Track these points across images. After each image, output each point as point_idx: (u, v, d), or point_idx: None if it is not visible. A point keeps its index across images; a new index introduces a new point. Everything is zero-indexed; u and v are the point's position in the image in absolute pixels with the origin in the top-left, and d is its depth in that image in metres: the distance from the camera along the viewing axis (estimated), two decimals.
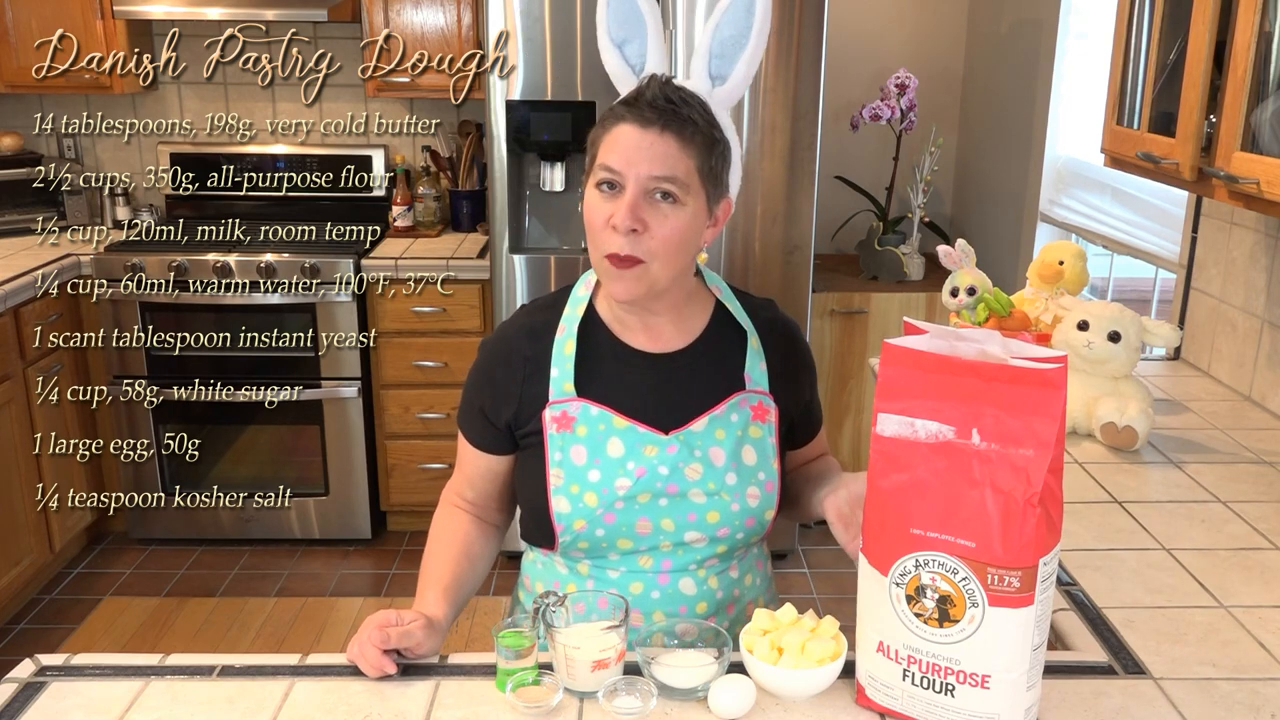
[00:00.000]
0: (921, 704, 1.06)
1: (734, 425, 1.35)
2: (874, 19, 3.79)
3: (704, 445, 1.33)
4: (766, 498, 1.35)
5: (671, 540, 1.34)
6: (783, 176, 3.08)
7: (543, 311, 1.40)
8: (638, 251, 1.25)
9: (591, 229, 1.29)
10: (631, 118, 1.26)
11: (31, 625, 3.14)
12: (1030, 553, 0.97)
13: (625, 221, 1.24)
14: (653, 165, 1.24)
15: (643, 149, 1.24)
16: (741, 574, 1.41)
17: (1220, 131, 1.57)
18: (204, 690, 1.15)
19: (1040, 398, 0.98)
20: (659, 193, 1.25)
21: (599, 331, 1.38)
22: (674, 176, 1.25)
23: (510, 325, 1.42)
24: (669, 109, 1.26)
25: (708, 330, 1.39)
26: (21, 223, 3.57)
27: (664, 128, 1.25)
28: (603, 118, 1.31)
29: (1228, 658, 1.20)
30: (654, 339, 1.37)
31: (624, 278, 1.27)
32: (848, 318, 3.43)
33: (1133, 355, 1.82)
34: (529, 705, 1.11)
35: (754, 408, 1.36)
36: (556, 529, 1.34)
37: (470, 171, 3.73)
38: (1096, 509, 1.58)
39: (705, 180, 1.28)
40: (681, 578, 1.36)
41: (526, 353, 1.37)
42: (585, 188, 1.32)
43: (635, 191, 1.24)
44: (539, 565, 1.43)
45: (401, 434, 3.51)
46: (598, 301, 1.40)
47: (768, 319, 1.43)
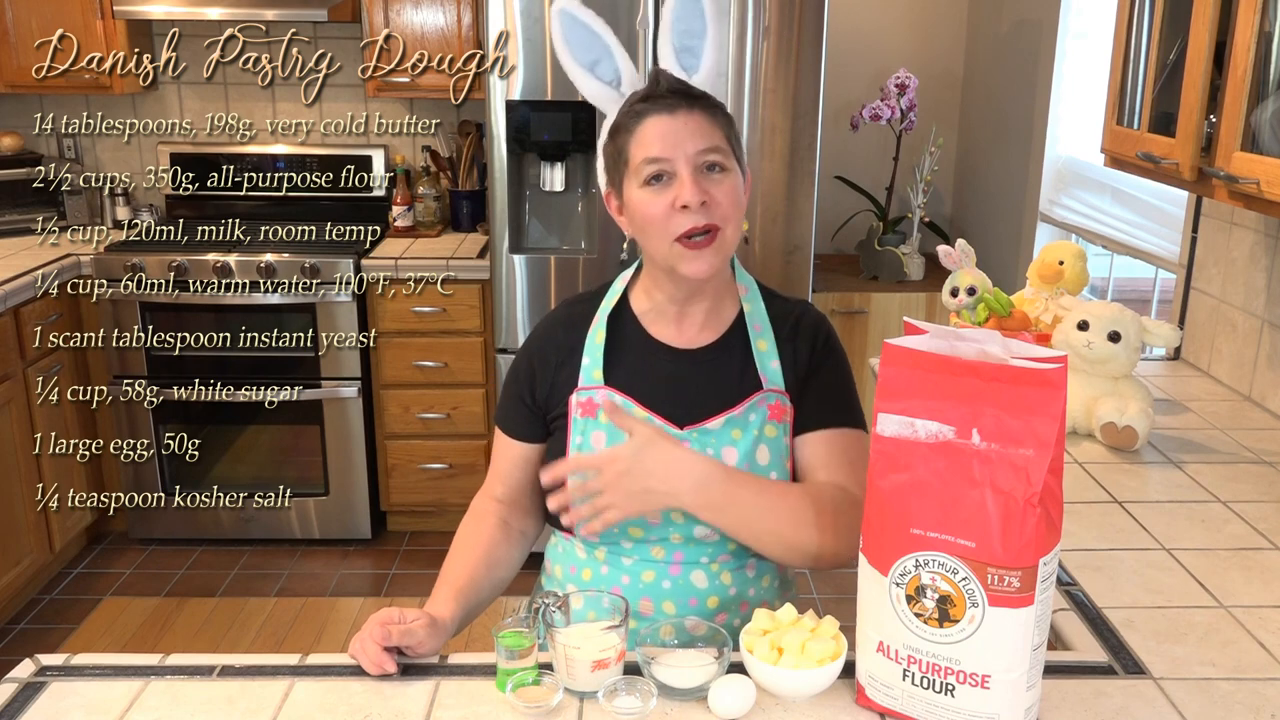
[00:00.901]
0: (921, 704, 1.06)
1: (751, 425, 1.36)
2: (874, 19, 3.79)
3: (718, 444, 1.35)
4: None
5: (681, 533, 1.35)
6: (783, 176, 3.08)
7: (581, 303, 1.46)
8: (713, 219, 1.30)
9: (652, 222, 1.32)
10: (657, 109, 1.32)
11: (31, 625, 3.14)
12: (1030, 553, 0.98)
13: (695, 195, 1.28)
14: (696, 140, 1.30)
15: (680, 131, 1.30)
16: (759, 574, 1.41)
17: (1220, 131, 1.57)
18: (204, 690, 1.15)
19: (1040, 398, 0.98)
20: (707, 165, 1.30)
21: (629, 323, 1.42)
22: (716, 145, 1.32)
23: (550, 317, 1.48)
24: (685, 91, 1.33)
25: (732, 328, 1.42)
26: (21, 223, 3.58)
27: (690, 107, 1.32)
28: (620, 121, 1.35)
29: (1228, 658, 1.20)
30: (681, 332, 1.41)
31: (702, 255, 1.31)
32: (848, 318, 3.43)
33: (1133, 355, 1.82)
34: (529, 705, 1.11)
35: (771, 406, 1.37)
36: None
37: (470, 171, 3.73)
38: (1096, 509, 1.58)
39: (735, 147, 1.35)
40: (693, 570, 1.37)
41: (561, 340, 1.43)
42: (620, 195, 1.36)
43: (689, 169, 1.29)
44: (559, 549, 1.46)
45: (401, 434, 3.51)
46: (634, 292, 1.44)
47: (795, 316, 1.43)
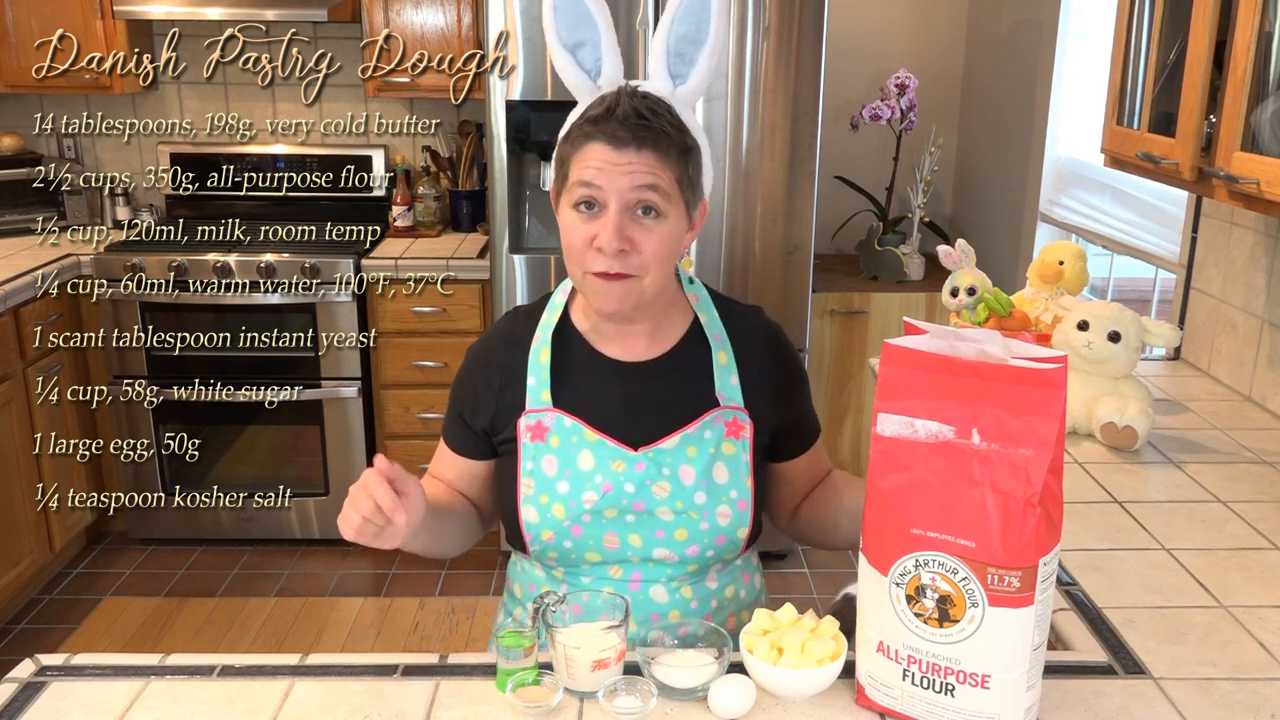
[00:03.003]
0: (921, 704, 1.06)
1: (706, 442, 1.32)
2: (874, 19, 3.79)
3: (674, 463, 1.31)
4: (738, 516, 1.32)
5: (640, 555, 1.32)
6: (783, 176, 3.08)
7: (523, 319, 1.39)
8: (628, 269, 1.24)
9: (572, 249, 1.26)
10: (603, 137, 1.22)
11: (31, 625, 3.14)
12: (1030, 553, 0.97)
13: (613, 243, 1.21)
14: (634, 179, 1.22)
15: (620, 167, 1.21)
16: (721, 585, 1.38)
17: (1220, 131, 1.57)
18: (204, 690, 1.15)
19: (1040, 398, 0.98)
20: (641, 208, 1.23)
21: (573, 339, 1.37)
22: (657, 186, 1.22)
23: (493, 332, 1.42)
24: (641, 125, 1.22)
25: (684, 341, 1.37)
26: (21, 223, 3.57)
27: (640, 146, 1.22)
28: (569, 134, 1.27)
29: (1228, 658, 1.20)
30: (628, 348, 1.36)
31: (613, 292, 1.25)
32: (848, 318, 3.43)
33: (1133, 355, 1.81)
34: (529, 705, 1.11)
35: (727, 424, 1.33)
36: (525, 538, 1.34)
37: (470, 171, 3.72)
38: (1096, 509, 1.58)
39: (684, 190, 1.26)
40: (652, 586, 1.34)
41: (504, 360, 1.37)
42: (559, 205, 1.29)
43: (618, 210, 1.22)
44: (519, 568, 1.44)
45: (402, 434, 3.51)
46: (573, 309, 1.38)
47: (749, 328, 1.39)
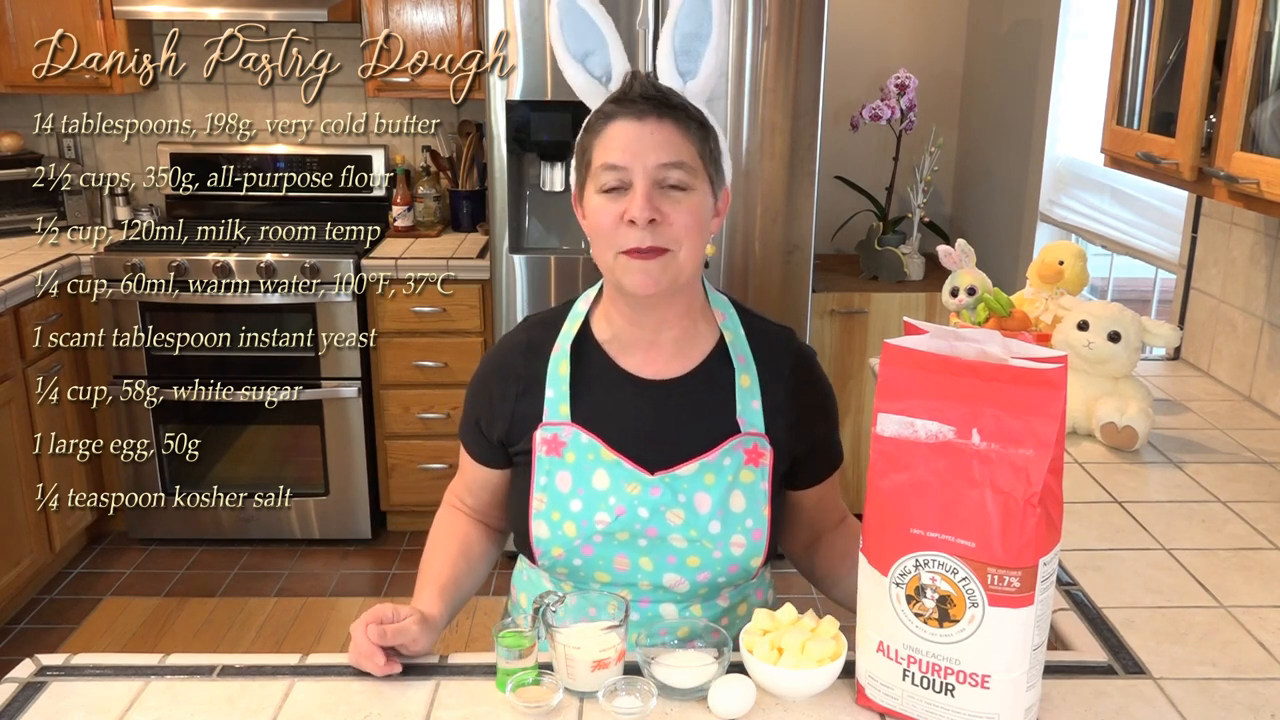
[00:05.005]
0: (921, 704, 1.06)
1: (725, 470, 1.28)
2: (874, 19, 3.79)
3: (690, 490, 1.28)
4: (753, 546, 1.30)
5: (650, 580, 1.30)
6: (783, 176, 3.08)
7: (541, 328, 1.36)
8: (660, 241, 1.21)
9: (601, 231, 1.24)
10: (625, 113, 1.23)
11: (31, 625, 3.14)
12: (1030, 553, 0.97)
13: (643, 212, 1.20)
14: (659, 153, 1.21)
15: (644, 140, 1.21)
16: (734, 602, 1.37)
17: (1220, 131, 1.57)
18: (204, 690, 1.15)
19: (1040, 398, 0.98)
20: (667, 181, 1.22)
21: (592, 351, 1.33)
22: (681, 161, 1.22)
23: (509, 340, 1.39)
24: (659, 98, 1.23)
25: (707, 360, 1.33)
26: (21, 223, 3.57)
27: (660, 116, 1.22)
28: (590, 122, 1.28)
29: (1228, 658, 1.20)
30: (650, 361, 1.32)
31: (648, 269, 1.22)
32: (848, 318, 3.43)
33: (1133, 355, 1.81)
34: (529, 705, 1.11)
35: (747, 450, 1.29)
36: (535, 551, 1.32)
37: (470, 171, 3.72)
38: (1096, 509, 1.58)
39: (708, 165, 1.26)
40: (662, 604, 1.32)
41: (520, 370, 1.34)
42: (583, 196, 1.28)
43: (646, 183, 1.21)
44: (525, 577, 1.42)
45: (401, 434, 3.51)
46: (594, 318, 1.35)
47: (777, 351, 1.35)
